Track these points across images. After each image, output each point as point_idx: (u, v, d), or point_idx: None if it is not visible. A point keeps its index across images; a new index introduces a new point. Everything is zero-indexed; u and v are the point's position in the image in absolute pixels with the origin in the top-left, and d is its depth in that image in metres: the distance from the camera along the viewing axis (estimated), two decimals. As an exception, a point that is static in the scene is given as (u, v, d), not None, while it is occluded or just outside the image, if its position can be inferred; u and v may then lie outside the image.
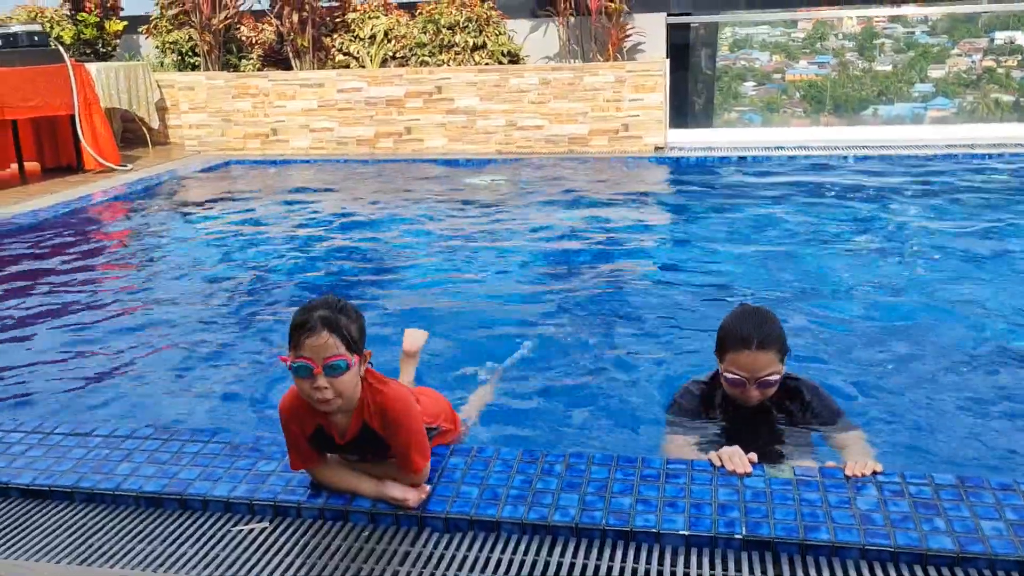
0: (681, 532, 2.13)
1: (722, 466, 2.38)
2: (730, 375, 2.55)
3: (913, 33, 11.08)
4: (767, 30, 11.96)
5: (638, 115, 8.64)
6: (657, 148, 8.60)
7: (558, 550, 2.14)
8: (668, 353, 3.76)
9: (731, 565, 2.06)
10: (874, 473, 2.30)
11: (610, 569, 2.06)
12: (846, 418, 2.68)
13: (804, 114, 11.17)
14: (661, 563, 2.08)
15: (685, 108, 9.94)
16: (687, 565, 2.07)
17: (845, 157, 7.83)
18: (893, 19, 11.18)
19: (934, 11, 10.26)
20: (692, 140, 8.99)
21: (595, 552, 2.13)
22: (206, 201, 7.39)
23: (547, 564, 2.09)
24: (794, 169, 7.68)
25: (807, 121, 10.99)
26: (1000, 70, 10.32)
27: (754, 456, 2.40)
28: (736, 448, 2.41)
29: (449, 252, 5.56)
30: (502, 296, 4.63)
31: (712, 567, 2.05)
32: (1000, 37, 10.31)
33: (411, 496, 2.27)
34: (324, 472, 2.35)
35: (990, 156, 7.64)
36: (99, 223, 6.83)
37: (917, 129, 9.15)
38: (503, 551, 2.15)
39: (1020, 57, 10.12)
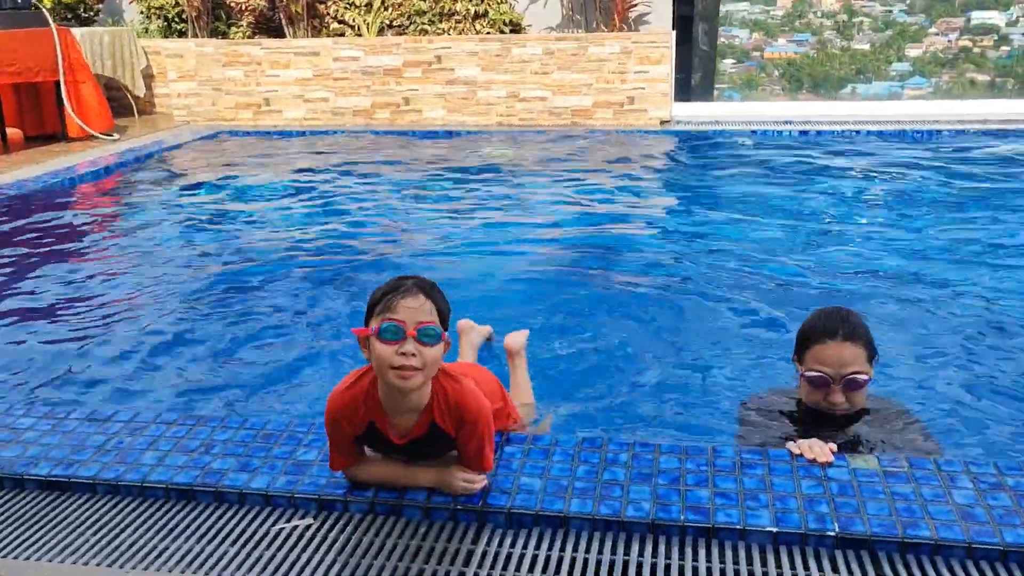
0: (768, 528, 1.96)
1: (801, 455, 2.21)
2: (812, 373, 2.36)
3: (891, 11, 10.96)
4: (747, 7, 11.78)
5: (643, 88, 8.43)
6: (663, 122, 8.40)
7: (635, 548, 1.97)
8: (689, 332, 3.61)
9: (826, 565, 1.90)
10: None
11: (695, 569, 1.89)
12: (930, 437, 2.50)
13: (783, 92, 11.05)
14: (750, 563, 1.91)
15: (688, 81, 9.73)
16: (778, 565, 1.90)
17: (858, 132, 7.67)
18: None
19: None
20: (697, 114, 8.81)
21: (676, 550, 1.96)
22: (199, 173, 7.11)
23: (625, 564, 1.92)
24: (806, 144, 7.52)
25: (785, 98, 10.86)
26: (976, 50, 10.22)
27: (834, 446, 2.24)
28: (815, 439, 2.25)
29: (455, 226, 5.35)
30: (510, 276, 4.42)
31: (806, 567, 1.89)
32: (976, 17, 10.21)
33: (477, 481, 2.09)
34: (369, 469, 2.14)
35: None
36: (89, 196, 6.54)
37: (935, 104, 9.00)
38: (575, 549, 1.97)
39: (996, 37, 10.02)
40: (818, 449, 2.21)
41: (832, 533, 1.94)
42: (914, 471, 2.15)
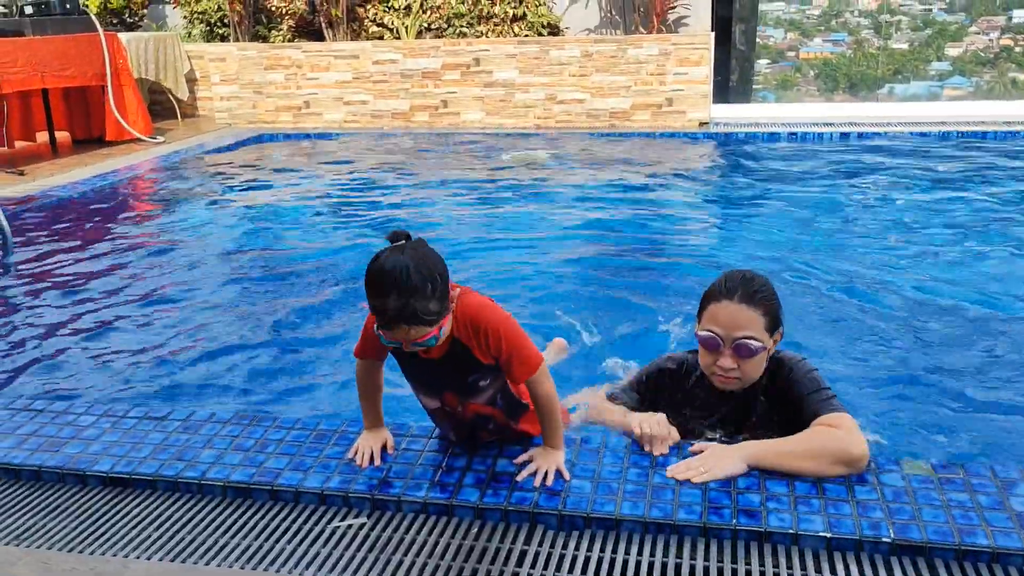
0: (821, 534, 1.96)
1: (639, 435, 2.28)
2: (704, 332, 2.22)
3: (930, 10, 10.81)
4: (782, 6, 11.68)
5: (682, 89, 8.40)
6: (701, 124, 8.36)
7: (687, 551, 1.98)
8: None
9: (881, 571, 1.89)
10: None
11: (748, 573, 1.89)
12: (833, 400, 2.23)
13: (818, 93, 10.96)
14: (803, 568, 1.91)
15: (726, 83, 9.68)
16: (832, 571, 1.90)
17: (900, 134, 7.57)
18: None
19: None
20: (735, 115, 8.75)
21: (728, 554, 1.96)
22: (243, 175, 7.22)
23: (677, 567, 1.93)
24: (848, 146, 7.44)
25: (821, 99, 10.78)
26: (1018, 49, 10.05)
27: (676, 434, 2.26)
28: (660, 417, 2.27)
29: (496, 229, 5.37)
30: (548, 276, 4.43)
31: (861, 573, 1.88)
32: (1019, 15, 10.04)
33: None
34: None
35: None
36: (136, 197, 6.68)
37: (980, 104, 8.86)
38: (626, 551, 1.98)
39: (1039, 36, 9.86)
40: (658, 442, 2.24)
41: (887, 539, 1.93)
42: (970, 478, 2.13)
